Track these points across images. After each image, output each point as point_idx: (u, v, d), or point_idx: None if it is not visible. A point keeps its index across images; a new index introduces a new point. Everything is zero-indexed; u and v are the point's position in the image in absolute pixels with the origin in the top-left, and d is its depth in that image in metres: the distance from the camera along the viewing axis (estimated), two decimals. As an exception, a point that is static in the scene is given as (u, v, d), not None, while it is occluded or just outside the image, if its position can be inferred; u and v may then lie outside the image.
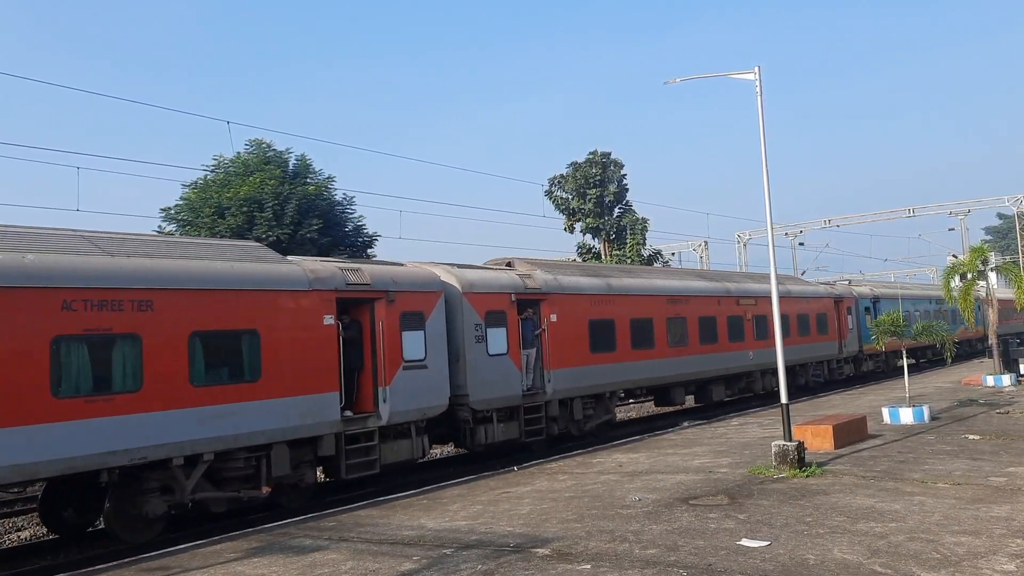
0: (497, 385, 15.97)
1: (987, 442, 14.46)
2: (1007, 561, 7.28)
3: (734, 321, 23.85)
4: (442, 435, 16.50)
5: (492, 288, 16.33)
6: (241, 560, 9.07)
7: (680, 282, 22.84)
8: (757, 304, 24.92)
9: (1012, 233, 67.26)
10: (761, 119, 13.84)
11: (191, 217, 29.27)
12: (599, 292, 18.99)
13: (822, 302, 29.63)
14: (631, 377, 19.70)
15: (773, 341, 23.43)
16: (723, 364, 23.22)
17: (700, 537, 8.67)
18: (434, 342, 14.72)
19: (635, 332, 19.83)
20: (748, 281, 26.43)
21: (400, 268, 15.01)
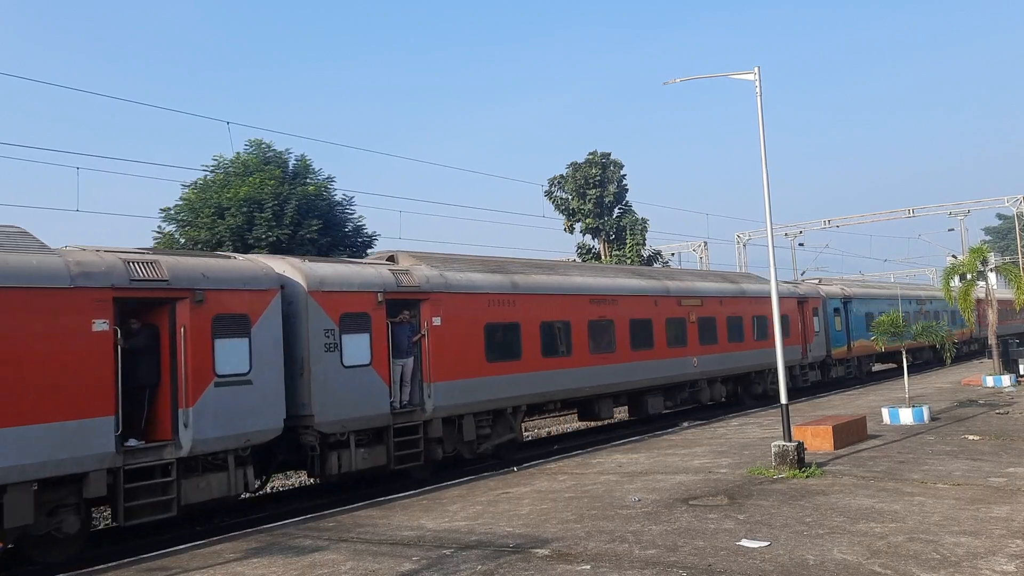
0: (354, 402, 13.24)
1: (987, 443, 14.47)
2: (1006, 562, 7.28)
3: (675, 324, 21.44)
4: (289, 463, 14.08)
5: (350, 286, 13.63)
6: (241, 560, 9.07)
7: (606, 280, 20.10)
8: (703, 305, 22.63)
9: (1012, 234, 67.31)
10: (761, 119, 13.86)
11: (190, 218, 29.24)
12: (500, 291, 16.43)
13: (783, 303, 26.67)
14: (541, 389, 17.03)
15: (721, 346, 22.74)
16: (660, 372, 20.63)
17: (700, 537, 8.68)
18: (264, 352, 12.05)
19: (547, 337, 17.29)
20: (694, 279, 24.18)
21: (217, 261, 12.41)
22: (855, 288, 33.98)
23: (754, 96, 13.83)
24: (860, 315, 32.33)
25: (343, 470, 13.22)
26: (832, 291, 31.37)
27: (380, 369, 13.84)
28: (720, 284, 24.59)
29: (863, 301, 33.36)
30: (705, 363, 22.32)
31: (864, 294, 34.20)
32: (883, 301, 35.01)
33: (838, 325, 30.61)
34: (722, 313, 23.34)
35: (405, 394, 14.46)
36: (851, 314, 31.74)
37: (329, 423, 12.94)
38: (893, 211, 52.53)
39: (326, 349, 13.01)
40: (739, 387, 25.04)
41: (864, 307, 33.01)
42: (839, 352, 30.65)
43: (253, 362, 11.89)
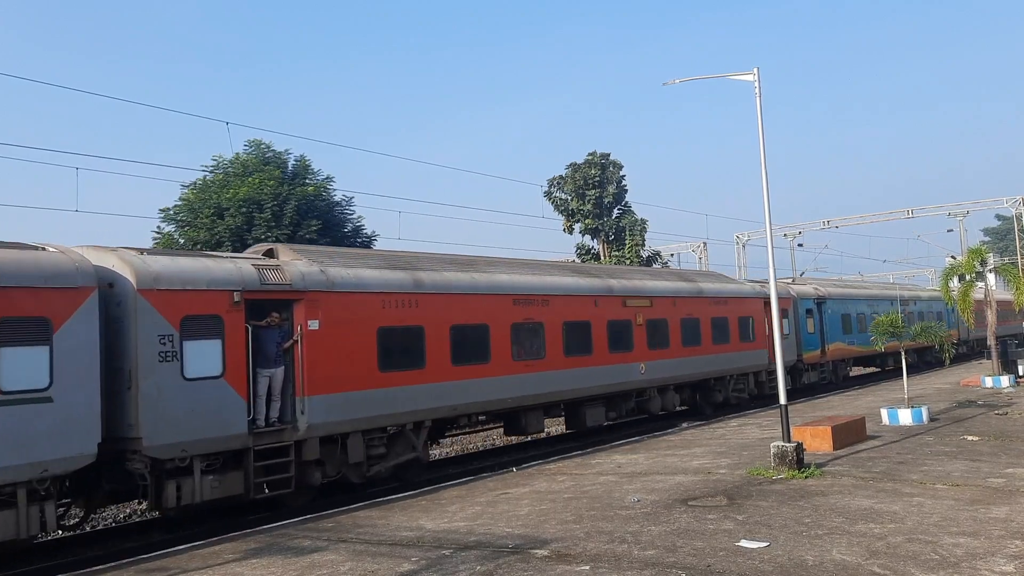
0: (199, 421, 11.31)
1: (985, 443, 14.47)
2: (1005, 562, 7.29)
3: (618, 327, 19.41)
4: (121, 493, 12.00)
5: (196, 284, 11.63)
6: (240, 561, 9.07)
7: (534, 278, 17.81)
8: (653, 306, 20.71)
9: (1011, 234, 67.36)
10: (760, 120, 13.87)
11: (190, 218, 29.26)
12: (400, 291, 14.42)
13: (747, 304, 24.89)
14: (451, 401, 15.08)
15: (674, 351, 21.08)
16: (600, 380, 18.67)
17: (699, 538, 8.68)
18: (72, 362, 10.18)
19: (459, 342, 15.33)
20: (643, 278, 22.03)
21: (5, 252, 10.19)
22: (830, 288, 31.67)
23: (753, 97, 13.85)
24: (836, 316, 30.51)
25: (184, 502, 11.27)
26: (804, 291, 29.30)
27: (235, 382, 11.81)
28: (674, 283, 22.77)
29: (839, 302, 31.26)
30: (654, 370, 20.48)
31: (840, 294, 32.08)
32: (861, 302, 33.29)
33: (811, 327, 28.72)
34: (676, 315, 21.62)
35: (274, 410, 12.49)
36: (826, 315, 29.85)
37: (163, 447, 10.92)
38: (892, 212, 52.61)
39: (161, 359, 11.03)
40: (698, 395, 23.33)
41: (840, 308, 31.09)
42: (811, 356, 28.65)
43: (55, 375, 10.00)
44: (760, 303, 25.28)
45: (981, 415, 18.57)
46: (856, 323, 32.10)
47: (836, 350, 30.31)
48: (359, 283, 13.94)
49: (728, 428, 19.06)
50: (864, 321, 31.89)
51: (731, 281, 26.61)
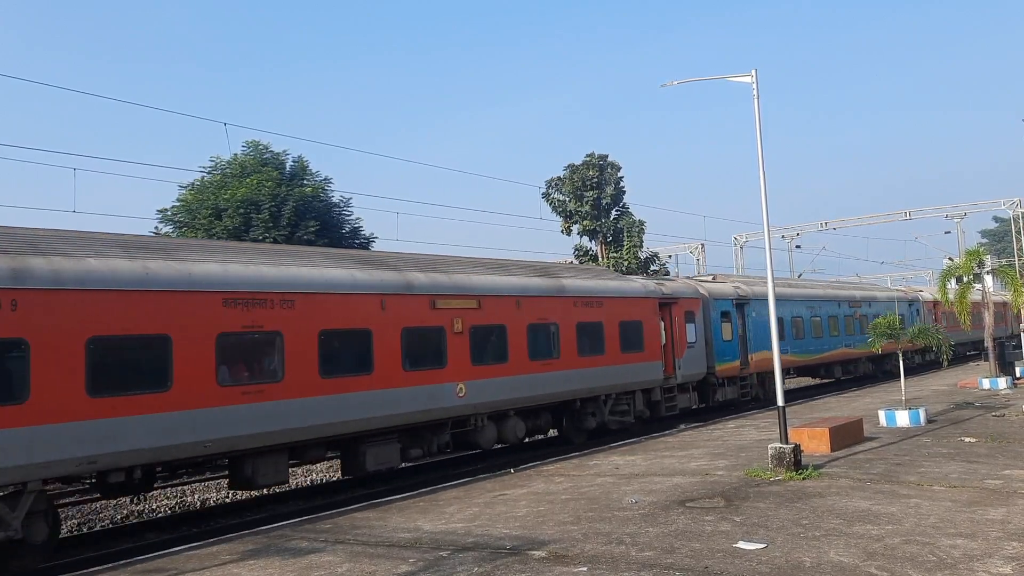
0: None
1: (983, 445, 14.49)
2: (1003, 564, 7.29)
3: (421, 335, 14.83)
4: None
5: None
6: (237, 562, 9.06)
7: (265, 269, 12.89)
8: (482, 307, 16.05)
9: (1008, 236, 67.48)
10: (758, 121, 13.89)
11: (188, 219, 29.27)
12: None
13: (635, 305, 20.32)
14: (89, 451, 10.22)
15: (513, 366, 16.35)
16: (388, 408, 14.01)
17: (696, 539, 8.68)
18: None
19: (107, 363, 10.53)
20: (469, 270, 16.87)
21: None
22: (757, 287, 26.57)
23: (751, 98, 13.87)
24: (765, 320, 23.89)
25: None
26: (719, 290, 24.70)
27: None
28: (519, 279, 17.71)
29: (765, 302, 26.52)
30: (482, 391, 15.76)
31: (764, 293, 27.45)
32: (799, 303, 28.83)
33: (727, 334, 24.14)
34: (520, 319, 16.96)
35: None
36: (750, 319, 25.16)
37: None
38: (890, 213, 52.75)
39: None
40: (565, 419, 19.18)
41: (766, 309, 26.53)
42: (728, 368, 24.03)
43: None
44: (654, 304, 20.95)
45: (978, 417, 18.58)
46: (791, 328, 27.71)
47: (764, 360, 24.38)
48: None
49: (726, 429, 19.08)
50: (802, 325, 28.40)
51: (616, 278, 21.97)
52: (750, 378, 25.21)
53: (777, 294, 25.05)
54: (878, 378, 33.77)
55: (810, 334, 28.81)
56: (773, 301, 14.24)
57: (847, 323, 32.00)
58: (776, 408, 13.39)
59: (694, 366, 22.47)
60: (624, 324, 19.81)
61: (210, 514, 14.50)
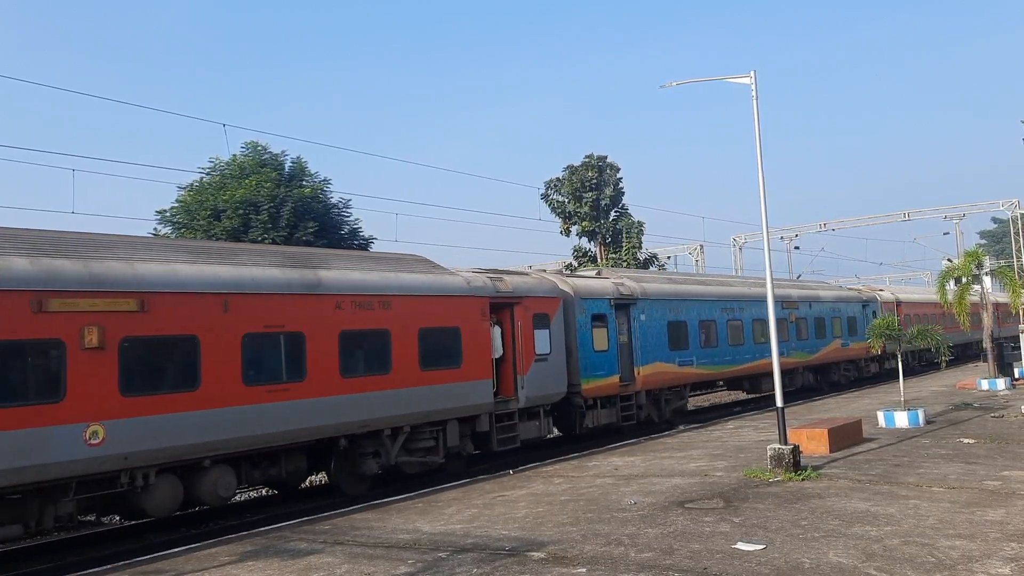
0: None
1: (982, 446, 14.50)
2: (1001, 565, 7.30)
3: (139, 348, 11.04)
4: None
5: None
6: (236, 563, 9.05)
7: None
8: (148, 310, 11.19)
9: (1007, 237, 67.56)
10: (757, 123, 13.90)
11: (186, 220, 29.27)
12: None
13: (444, 306, 15.23)
14: None
15: (194, 394, 11.33)
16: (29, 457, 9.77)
17: (695, 540, 8.68)
18: None
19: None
20: (122, 253, 11.65)
21: None
22: (649, 283, 21.96)
23: (751, 99, 13.88)
24: (659, 324, 21.18)
25: None
26: (590, 287, 19.53)
27: None
28: (231, 268, 12.65)
29: (664, 303, 21.54)
30: (142, 433, 10.86)
31: (668, 292, 22.26)
32: (711, 303, 23.70)
33: (600, 343, 19.04)
34: (229, 328, 12.03)
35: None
36: (638, 324, 20.39)
37: None
38: (889, 214, 52.83)
39: None
40: (333, 463, 13.84)
41: (666, 312, 21.58)
42: (602, 385, 18.95)
43: None
44: (480, 305, 15.94)
45: (977, 418, 18.60)
46: (698, 333, 22.82)
47: (658, 374, 20.79)
48: None
49: (725, 431, 19.08)
50: (714, 330, 23.54)
51: (421, 269, 15.82)
52: (636, 396, 20.16)
53: (677, 292, 22.75)
54: (823, 390, 29.17)
55: (726, 341, 23.84)
56: (772, 302, 14.19)
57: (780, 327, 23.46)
58: (775, 409, 13.39)
59: (547, 384, 17.25)
60: (428, 332, 14.80)
61: (209, 515, 14.48)
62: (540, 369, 17.20)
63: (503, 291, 16.76)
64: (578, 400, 18.50)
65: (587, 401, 18.74)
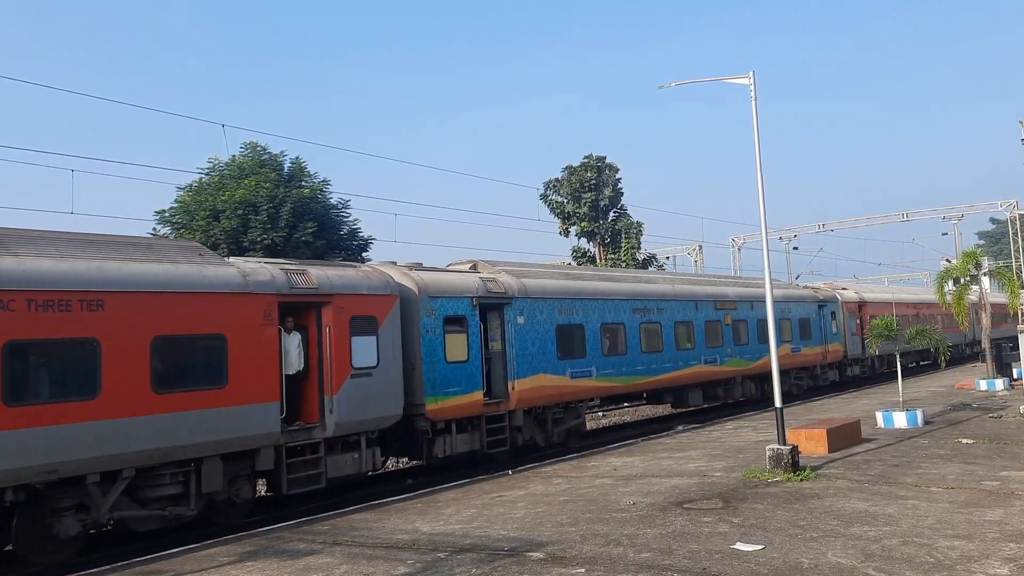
0: None
1: (980, 446, 14.51)
2: (1000, 565, 7.30)
3: None
4: None
5: None
6: (235, 564, 9.05)
7: None
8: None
9: (1005, 238, 67.64)
10: (755, 124, 13.91)
11: (186, 220, 29.25)
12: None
13: (195, 306, 11.63)
14: None
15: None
16: None
17: (694, 541, 8.69)
18: None
19: None
20: None
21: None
22: (534, 279, 17.93)
23: (749, 100, 13.89)
24: (544, 328, 17.49)
25: None
26: (445, 283, 15.70)
27: None
28: None
29: (552, 303, 17.76)
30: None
31: (555, 290, 18.16)
32: (617, 303, 19.92)
33: (458, 351, 15.44)
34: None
35: None
36: (514, 328, 16.76)
37: None
38: (887, 215, 52.84)
39: None
40: (15, 522, 10.43)
41: (554, 313, 17.76)
42: (460, 405, 15.34)
43: None
44: (265, 306, 12.38)
45: (976, 418, 18.61)
46: (600, 339, 19.07)
47: (541, 388, 17.17)
48: None
49: (724, 431, 19.08)
50: (622, 335, 19.86)
51: (195, 260, 12.19)
52: (511, 416, 16.56)
53: (571, 290, 18.59)
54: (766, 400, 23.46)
55: (638, 348, 20.19)
56: (771, 303, 14.20)
57: (710, 331, 23.00)
58: (774, 409, 13.40)
59: (371, 405, 13.68)
60: (169, 342, 11.27)
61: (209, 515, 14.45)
62: (360, 387, 13.46)
63: (302, 287, 12.87)
64: (422, 424, 14.76)
65: (436, 425, 15.00)
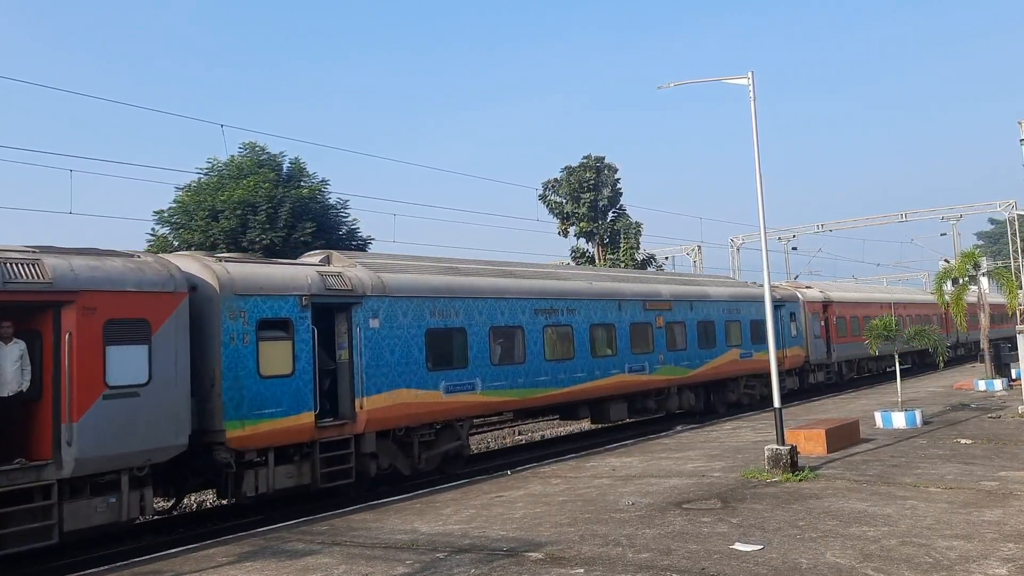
0: None
1: (979, 446, 14.52)
2: (999, 565, 7.31)
3: None
4: None
5: None
6: (233, 564, 9.05)
7: None
8: None
9: (1004, 238, 67.70)
10: (754, 124, 13.91)
11: (184, 220, 29.26)
12: None
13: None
14: None
15: None
16: None
17: (693, 541, 8.69)
18: None
19: None
20: None
21: None
22: (395, 273, 14.97)
23: (748, 101, 13.89)
24: (409, 333, 14.54)
25: None
26: (258, 276, 12.78)
27: None
28: None
29: (420, 303, 14.88)
30: None
31: (426, 287, 15.18)
32: (514, 303, 16.74)
33: (277, 363, 12.53)
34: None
35: None
36: (362, 332, 13.81)
37: None
38: (886, 215, 52.80)
39: None
40: None
41: (423, 315, 14.87)
42: (282, 429, 12.40)
43: None
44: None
45: (974, 418, 18.62)
46: (488, 345, 16.00)
47: (402, 406, 14.22)
48: None
49: (722, 431, 19.09)
50: (519, 341, 16.70)
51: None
52: (360, 441, 13.63)
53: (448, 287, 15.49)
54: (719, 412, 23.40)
55: (540, 355, 17.08)
56: (770, 304, 14.18)
57: (637, 335, 20.02)
58: (773, 410, 13.41)
59: (134, 435, 10.64)
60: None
61: (207, 516, 14.46)
62: (119, 410, 10.52)
63: (24, 282, 9.91)
64: (223, 455, 11.75)
65: (243, 455, 12.02)
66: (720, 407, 23.90)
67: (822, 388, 29.42)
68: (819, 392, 28.63)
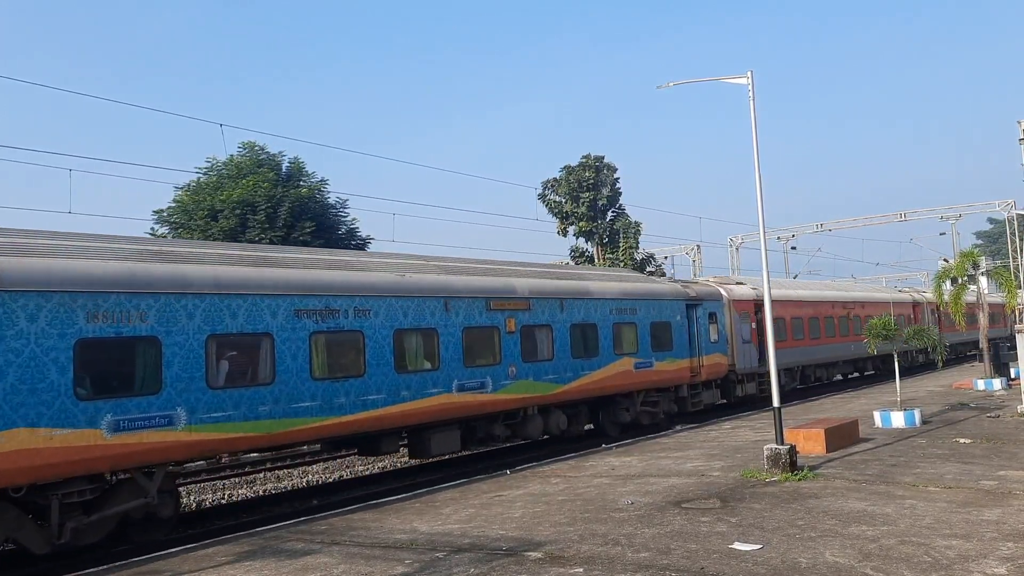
0: None
1: (978, 446, 14.53)
2: (998, 564, 7.31)
3: None
4: None
5: None
6: (233, 564, 9.04)
7: None
8: None
9: (1002, 238, 67.72)
10: (754, 123, 13.90)
11: (184, 220, 29.27)
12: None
13: None
14: None
15: None
16: None
17: (692, 540, 8.69)
18: None
19: None
20: None
21: None
22: (19, 258, 10.03)
23: (747, 100, 13.89)
24: (42, 346, 9.85)
25: None
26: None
27: None
28: None
29: (58, 300, 10.06)
30: None
31: (68, 276, 10.24)
32: (257, 302, 12.25)
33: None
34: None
35: None
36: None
37: None
38: (885, 215, 52.83)
39: None
40: None
41: (73, 319, 10.19)
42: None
43: None
44: None
45: (973, 418, 18.63)
46: (199, 361, 11.47)
47: (21, 456, 9.57)
48: None
49: (722, 431, 19.09)
50: (264, 354, 12.38)
51: None
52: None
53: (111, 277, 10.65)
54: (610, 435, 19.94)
55: (303, 372, 12.80)
56: (770, 303, 14.18)
57: (475, 343, 15.96)
58: (771, 409, 13.41)
59: None
60: None
61: (206, 516, 14.47)
62: None
63: None
64: None
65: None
66: (611, 429, 20.15)
67: (753, 401, 25.37)
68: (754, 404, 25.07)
